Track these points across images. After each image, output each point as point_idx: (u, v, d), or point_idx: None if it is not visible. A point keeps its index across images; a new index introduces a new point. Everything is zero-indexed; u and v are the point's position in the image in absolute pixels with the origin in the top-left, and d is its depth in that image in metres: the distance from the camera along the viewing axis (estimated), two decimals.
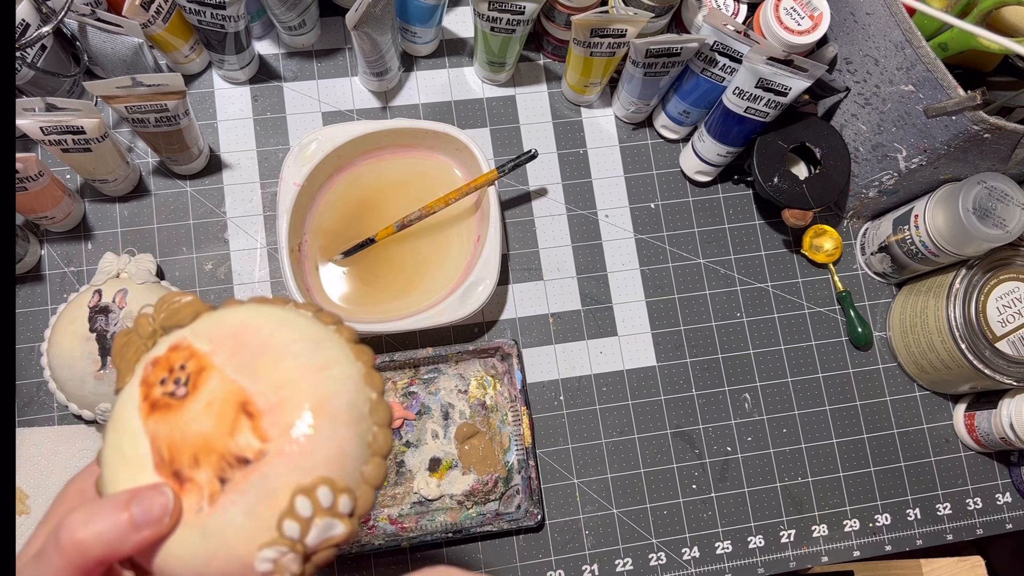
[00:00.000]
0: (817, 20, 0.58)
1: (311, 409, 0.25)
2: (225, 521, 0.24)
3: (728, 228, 0.67)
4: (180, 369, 0.26)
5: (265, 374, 0.25)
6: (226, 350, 0.26)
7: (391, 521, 0.58)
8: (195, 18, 0.57)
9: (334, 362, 0.26)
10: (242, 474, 0.24)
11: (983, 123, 0.51)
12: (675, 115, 0.65)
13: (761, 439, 0.63)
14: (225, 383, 0.25)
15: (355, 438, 0.25)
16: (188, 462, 0.24)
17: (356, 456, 0.25)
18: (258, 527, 0.24)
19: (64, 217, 0.59)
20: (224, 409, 0.25)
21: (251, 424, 0.24)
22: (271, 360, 0.25)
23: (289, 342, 0.26)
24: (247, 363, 0.25)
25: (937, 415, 0.66)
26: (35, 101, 0.51)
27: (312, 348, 0.26)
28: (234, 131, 0.64)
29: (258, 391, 0.25)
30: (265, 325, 0.27)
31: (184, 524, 0.24)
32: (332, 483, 0.24)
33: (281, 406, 0.24)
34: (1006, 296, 0.59)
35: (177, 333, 0.27)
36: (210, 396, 0.25)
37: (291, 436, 0.24)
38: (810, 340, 0.66)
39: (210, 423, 0.24)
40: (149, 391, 0.26)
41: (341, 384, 0.26)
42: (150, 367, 0.27)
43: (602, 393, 0.63)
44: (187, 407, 0.25)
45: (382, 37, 0.58)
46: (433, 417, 0.60)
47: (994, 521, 0.64)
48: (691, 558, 0.61)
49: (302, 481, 0.24)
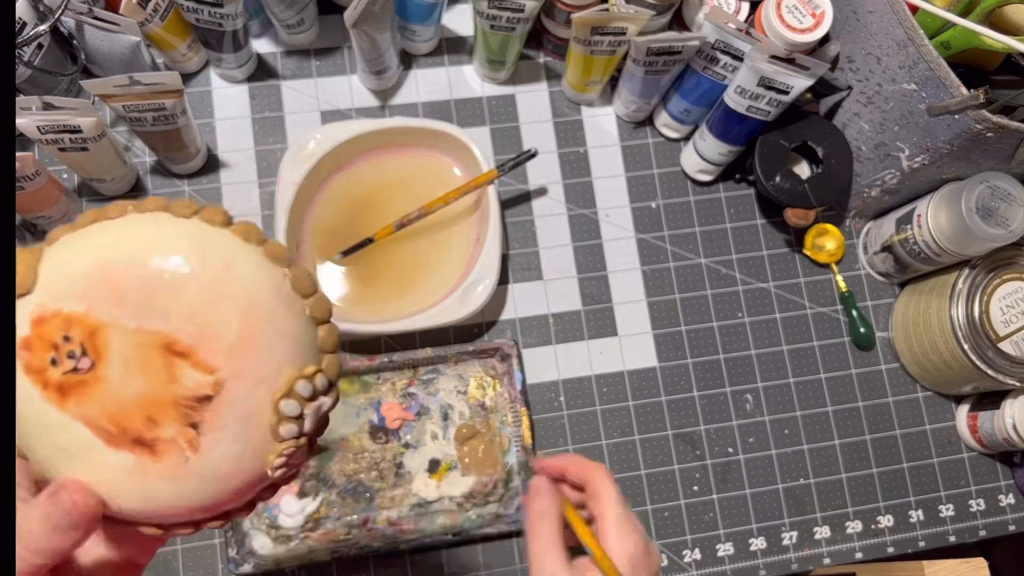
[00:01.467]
0: (819, 18, 0.57)
1: (242, 320, 0.23)
2: (218, 457, 0.23)
3: (729, 228, 0.67)
4: (66, 341, 0.23)
5: (169, 308, 0.23)
6: (106, 301, 0.23)
7: (390, 523, 0.57)
8: (193, 16, 0.56)
9: (230, 260, 0.23)
10: (211, 411, 0.23)
11: (986, 122, 0.50)
12: (676, 114, 0.65)
13: (763, 440, 0.63)
14: (130, 335, 0.22)
15: (294, 319, 0.24)
16: (144, 425, 0.23)
17: (307, 335, 0.24)
18: (255, 445, 0.24)
19: (61, 217, 0.58)
20: (148, 360, 0.22)
21: (189, 362, 0.22)
22: (166, 291, 0.23)
23: (168, 264, 0.23)
24: (141, 306, 0.23)
25: (940, 416, 0.66)
26: (32, 100, 0.51)
27: (199, 257, 0.23)
28: (232, 130, 0.63)
29: (175, 328, 0.22)
30: (128, 256, 0.23)
31: (176, 479, 0.23)
32: (303, 374, 0.24)
33: (210, 332, 0.23)
34: (1009, 296, 0.59)
35: (27, 303, 0.23)
36: (122, 355, 0.22)
37: (240, 354, 0.23)
38: (812, 340, 0.65)
39: (142, 380, 0.22)
40: (44, 377, 0.23)
41: (253, 277, 0.24)
42: (24, 352, 0.23)
43: (603, 394, 0.62)
44: (104, 376, 0.23)
45: (381, 35, 0.58)
46: (432, 418, 0.59)
47: (997, 523, 0.64)
48: (692, 560, 0.60)
49: (274, 386, 0.23)
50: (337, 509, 0.57)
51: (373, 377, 0.60)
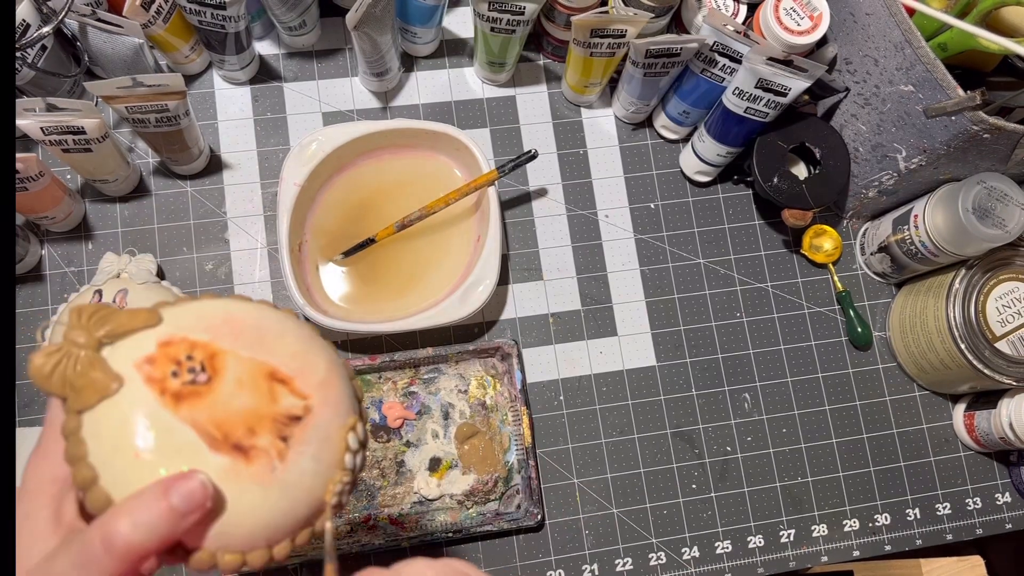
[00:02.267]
0: (817, 20, 0.58)
1: (327, 367, 0.30)
2: (300, 471, 0.27)
3: (728, 228, 0.67)
4: (188, 359, 0.27)
5: (276, 348, 0.29)
6: (227, 336, 0.28)
7: (391, 521, 0.58)
8: (195, 18, 0.57)
9: (312, 331, 0.31)
10: (299, 428, 0.28)
11: (982, 123, 0.51)
12: (675, 115, 0.65)
13: (761, 439, 0.64)
14: (244, 362, 0.28)
15: (350, 385, 0.31)
16: (244, 433, 0.27)
17: (349, 401, 0.31)
18: (326, 467, 0.28)
19: (64, 217, 0.59)
20: (256, 382, 0.28)
21: (287, 388, 0.28)
22: (274, 337, 0.29)
23: (279, 319, 0.30)
24: (254, 343, 0.28)
25: (937, 415, 0.66)
26: (36, 101, 0.51)
27: (294, 324, 0.31)
28: (234, 131, 0.64)
29: (280, 362, 0.28)
30: (246, 313, 0.30)
31: (265, 485, 0.27)
32: (359, 419, 0.30)
33: (305, 369, 0.29)
34: (1006, 296, 0.59)
35: (153, 331, 0.28)
36: (236, 375, 0.27)
37: (325, 391, 0.29)
38: (810, 340, 0.66)
39: (249, 396, 0.27)
40: (164, 385, 0.27)
41: (328, 347, 0.31)
42: (147, 366, 0.27)
43: (602, 393, 0.63)
44: (218, 389, 0.27)
45: (382, 37, 0.58)
46: (433, 417, 0.60)
47: (993, 521, 0.65)
48: (691, 558, 0.61)
49: (344, 422, 0.29)
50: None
51: (374, 376, 0.60)
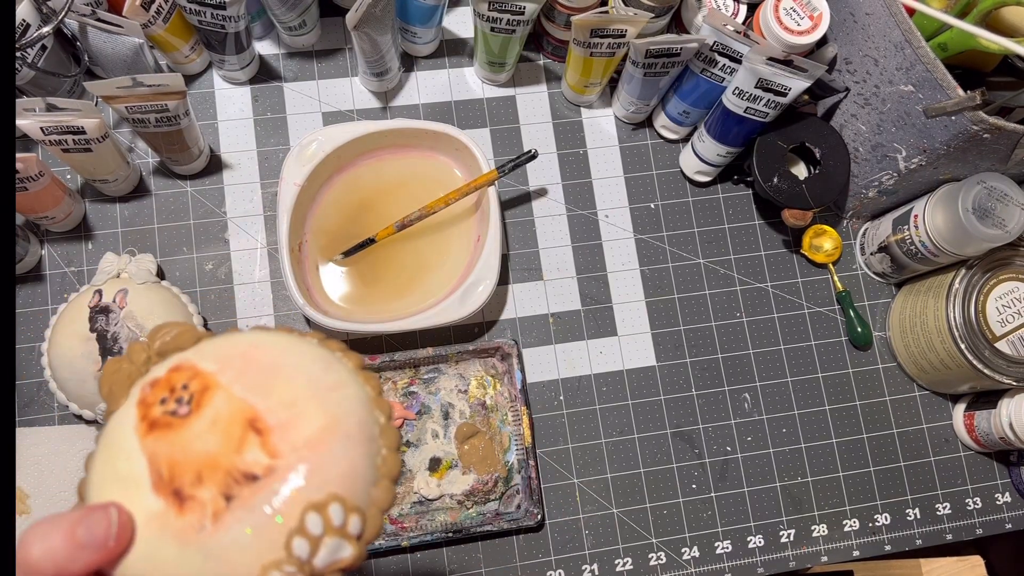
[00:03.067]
0: (817, 20, 0.58)
1: (323, 425, 0.24)
2: (230, 540, 0.23)
3: (728, 228, 0.67)
4: (183, 388, 0.25)
5: (276, 392, 0.25)
6: (233, 369, 0.26)
7: (391, 521, 0.58)
8: (195, 18, 0.57)
9: (344, 384, 0.26)
10: (250, 491, 0.23)
11: (982, 123, 0.51)
12: (675, 115, 0.65)
13: (761, 439, 0.64)
14: (232, 401, 0.25)
15: (366, 458, 0.25)
16: (190, 480, 0.24)
17: (366, 476, 0.25)
18: (265, 545, 0.23)
19: (64, 217, 0.59)
20: (230, 426, 0.24)
21: (260, 440, 0.24)
22: (282, 379, 0.25)
23: (299, 363, 0.26)
24: (256, 382, 0.25)
25: (936, 415, 0.66)
26: (35, 101, 0.51)
27: (322, 369, 0.26)
28: (234, 131, 0.64)
29: (268, 408, 0.24)
30: (273, 348, 0.27)
31: (184, 543, 0.23)
32: (343, 501, 0.24)
33: (293, 422, 0.24)
34: (1006, 296, 0.59)
35: (178, 355, 0.27)
36: (215, 414, 0.24)
37: (303, 453, 0.24)
38: (810, 340, 0.66)
39: (215, 440, 0.24)
40: (147, 411, 0.25)
41: (352, 404, 0.26)
42: (148, 388, 0.26)
43: (602, 393, 0.63)
44: (190, 425, 0.24)
45: (382, 37, 0.58)
46: (433, 417, 0.60)
47: (993, 521, 0.65)
48: (691, 558, 0.61)
49: (313, 497, 0.23)
50: None
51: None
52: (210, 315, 0.61)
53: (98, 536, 0.23)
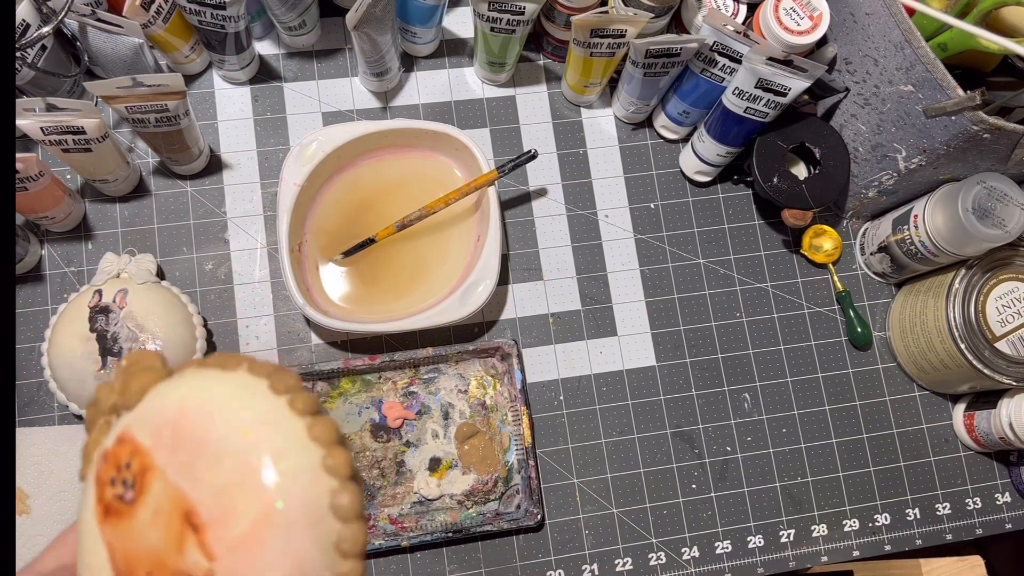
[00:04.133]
0: (816, 20, 0.58)
1: (256, 518, 0.21)
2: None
3: (728, 228, 0.67)
4: (127, 468, 0.23)
5: (204, 477, 0.22)
6: (165, 447, 0.23)
7: (391, 521, 0.58)
8: (195, 18, 0.57)
9: (282, 454, 0.22)
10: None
11: (982, 123, 0.51)
12: (675, 115, 0.65)
13: (761, 439, 0.64)
14: (167, 488, 0.22)
15: (314, 544, 0.22)
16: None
17: (319, 562, 0.22)
18: None
19: (64, 217, 0.59)
20: (170, 520, 0.22)
21: (196, 539, 0.22)
22: (209, 460, 0.22)
23: (229, 433, 0.22)
24: (186, 463, 0.22)
25: (936, 415, 0.66)
26: (35, 101, 0.51)
27: (255, 439, 0.22)
28: (234, 131, 0.64)
29: (199, 499, 0.22)
30: (203, 409, 0.23)
31: None
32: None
33: (224, 518, 0.21)
34: (1005, 296, 0.59)
35: (124, 419, 0.25)
36: (156, 503, 0.22)
37: (237, 555, 0.21)
38: (809, 340, 0.66)
39: (158, 536, 0.22)
40: (102, 492, 0.24)
41: (291, 482, 0.22)
42: (102, 462, 0.24)
43: (602, 393, 0.63)
44: (136, 515, 0.23)
45: (382, 37, 0.58)
46: (433, 417, 0.60)
47: (993, 521, 0.65)
48: (691, 558, 0.61)
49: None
50: None
51: (374, 376, 0.60)
52: (210, 315, 0.61)
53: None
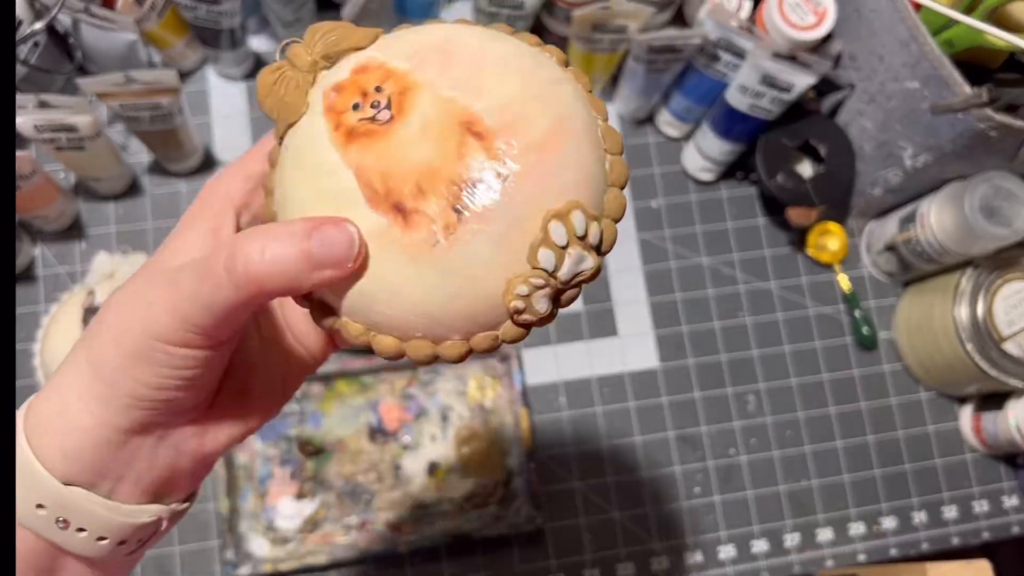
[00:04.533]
0: (822, 16, 0.57)
1: (551, 126, 0.22)
2: (470, 253, 0.21)
3: (731, 227, 0.66)
4: (376, 91, 0.22)
5: (489, 89, 0.22)
6: (432, 66, 0.22)
7: (388, 525, 0.57)
8: (190, 14, 0.56)
9: (561, 80, 0.23)
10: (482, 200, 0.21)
11: (989, 121, 0.50)
12: (678, 112, 0.64)
13: (764, 441, 0.63)
14: (440, 102, 0.22)
15: (596, 162, 0.22)
16: (411, 193, 0.21)
17: (600, 181, 0.22)
18: (509, 258, 0.21)
19: (57, 216, 0.58)
20: (445, 131, 0.21)
21: (482, 145, 0.21)
22: (492, 74, 0.22)
23: (507, 56, 0.23)
24: (463, 79, 0.22)
25: (943, 417, 0.65)
26: (28, 98, 0.51)
27: (534, 63, 0.23)
28: (229, 128, 0.63)
29: (484, 108, 0.21)
30: (473, 39, 0.23)
31: (417, 261, 0.21)
32: (584, 208, 0.21)
33: (516, 123, 0.21)
34: (1013, 296, 0.58)
35: (357, 55, 0.23)
36: (423, 118, 0.21)
37: (535, 155, 0.21)
38: (814, 341, 0.65)
39: (431, 147, 0.21)
40: (339, 118, 0.22)
41: (575, 101, 0.23)
42: (332, 93, 0.23)
43: (603, 395, 0.62)
44: (396, 132, 0.21)
45: None
46: (431, 419, 0.59)
47: (1001, 524, 0.64)
48: (694, 562, 0.60)
49: (554, 205, 0.21)
50: (335, 511, 0.57)
51: (372, 378, 0.59)
52: None
53: (337, 254, 0.20)
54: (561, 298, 0.22)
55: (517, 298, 0.21)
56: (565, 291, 0.22)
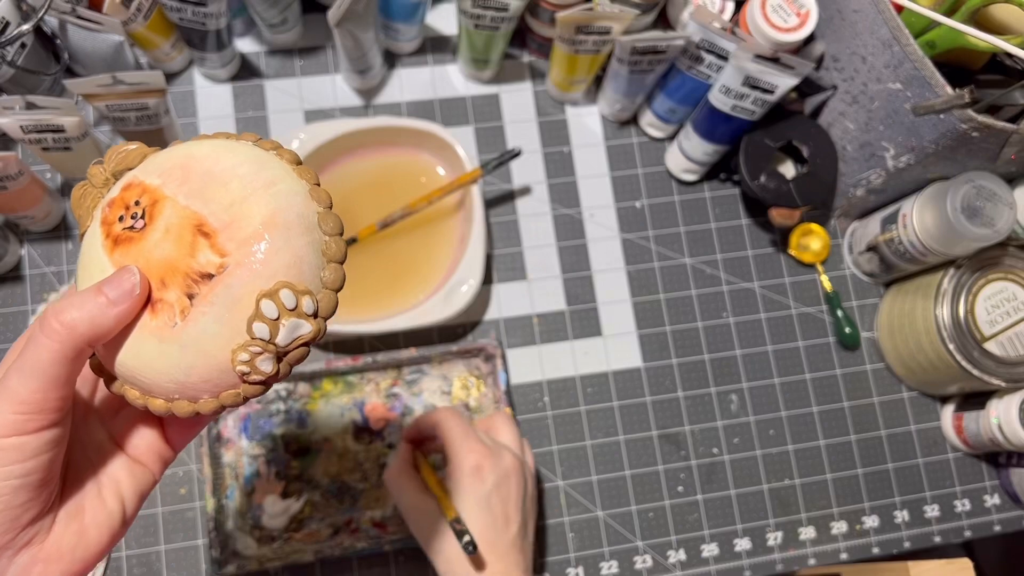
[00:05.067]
0: (804, 17, 0.57)
1: (263, 222, 0.27)
2: (199, 331, 0.26)
3: (714, 227, 0.66)
4: (135, 205, 0.28)
5: (215, 197, 0.27)
6: (175, 180, 0.28)
7: (374, 524, 0.57)
8: (176, 15, 0.56)
9: (278, 180, 0.28)
10: (207, 288, 0.26)
11: (971, 122, 0.50)
12: (661, 113, 0.64)
13: (748, 440, 0.63)
14: (179, 210, 0.27)
15: (308, 246, 0.27)
16: (156, 285, 0.27)
17: (312, 263, 0.27)
18: (231, 332, 0.26)
19: (44, 216, 0.58)
20: (181, 233, 0.27)
21: (209, 243, 0.26)
22: (218, 183, 0.27)
23: (233, 165, 0.28)
24: (197, 189, 0.27)
25: (925, 416, 0.65)
26: (15, 99, 0.51)
27: (256, 169, 0.28)
28: (215, 129, 0.63)
29: (211, 212, 0.27)
30: (209, 154, 0.28)
31: (162, 339, 0.27)
32: (292, 286, 0.26)
33: (235, 223, 0.26)
34: (995, 296, 0.59)
35: (128, 174, 0.29)
36: (166, 223, 0.27)
37: (248, 248, 0.26)
38: (797, 341, 0.65)
39: (170, 247, 0.27)
40: (110, 229, 0.28)
41: (288, 198, 0.28)
42: (107, 208, 0.28)
43: (587, 394, 0.62)
44: (147, 237, 0.27)
45: (364, 34, 0.57)
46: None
47: (982, 523, 0.64)
48: (677, 561, 0.60)
49: (264, 287, 0.26)
50: (321, 510, 0.57)
51: (357, 377, 0.60)
52: None
53: (125, 289, 0.26)
54: (287, 358, 0.27)
55: (241, 363, 0.26)
56: (289, 352, 0.27)
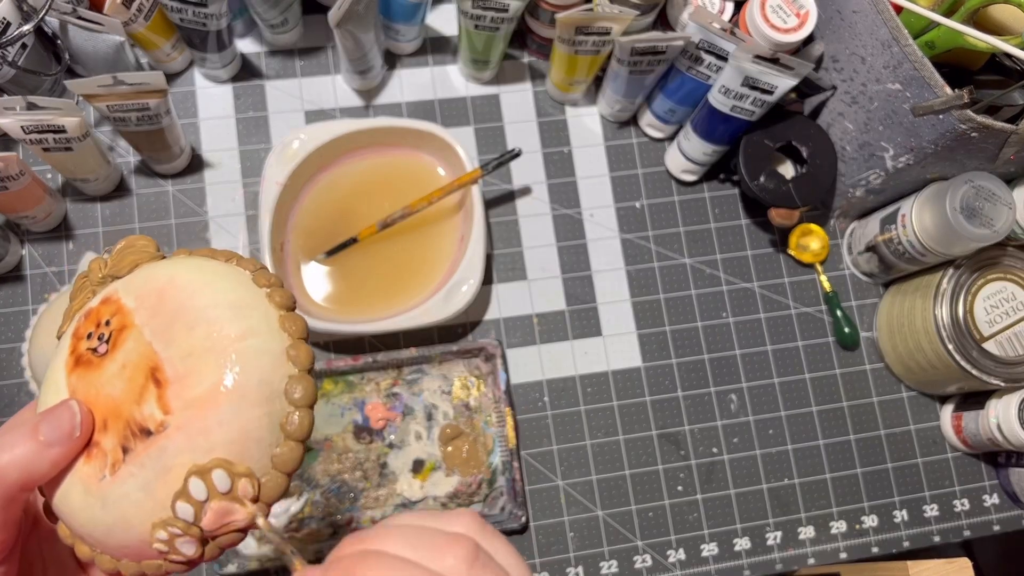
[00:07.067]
0: (803, 18, 0.57)
1: (214, 384, 0.23)
2: (123, 493, 0.23)
3: (714, 228, 0.67)
4: (106, 324, 0.25)
5: (177, 339, 0.24)
6: (147, 309, 0.25)
7: (374, 523, 0.57)
8: (177, 16, 0.56)
9: (252, 332, 0.24)
10: (143, 446, 0.23)
11: (970, 122, 0.50)
12: (660, 113, 0.65)
13: (747, 440, 0.63)
14: (141, 345, 0.24)
15: (262, 419, 0.24)
16: (99, 425, 0.24)
17: (263, 439, 0.24)
18: (153, 504, 0.23)
19: (45, 217, 0.58)
20: (136, 374, 0.24)
21: (157, 393, 0.23)
22: (185, 325, 0.24)
23: (209, 305, 0.24)
24: (164, 325, 0.24)
25: (924, 416, 0.66)
26: (16, 100, 0.51)
27: (231, 315, 0.24)
28: (216, 130, 0.63)
29: (168, 358, 0.24)
30: (190, 284, 0.25)
31: (87, 491, 0.24)
32: (229, 466, 0.23)
33: (187, 377, 0.23)
34: (994, 296, 0.59)
35: (113, 284, 0.27)
36: (126, 358, 0.24)
37: (192, 412, 0.23)
38: (796, 340, 0.65)
39: (121, 387, 0.24)
40: (77, 344, 0.25)
41: (255, 358, 0.24)
42: (83, 318, 0.26)
43: (587, 394, 0.62)
44: (105, 367, 0.24)
45: (365, 35, 0.58)
46: (416, 418, 0.59)
47: (981, 523, 0.64)
48: (676, 560, 0.60)
49: (198, 462, 0.23)
50: (321, 509, 0.57)
51: (357, 377, 0.60)
52: None
53: (63, 430, 0.23)
54: (215, 541, 0.24)
55: (159, 542, 0.23)
56: (217, 537, 0.24)
